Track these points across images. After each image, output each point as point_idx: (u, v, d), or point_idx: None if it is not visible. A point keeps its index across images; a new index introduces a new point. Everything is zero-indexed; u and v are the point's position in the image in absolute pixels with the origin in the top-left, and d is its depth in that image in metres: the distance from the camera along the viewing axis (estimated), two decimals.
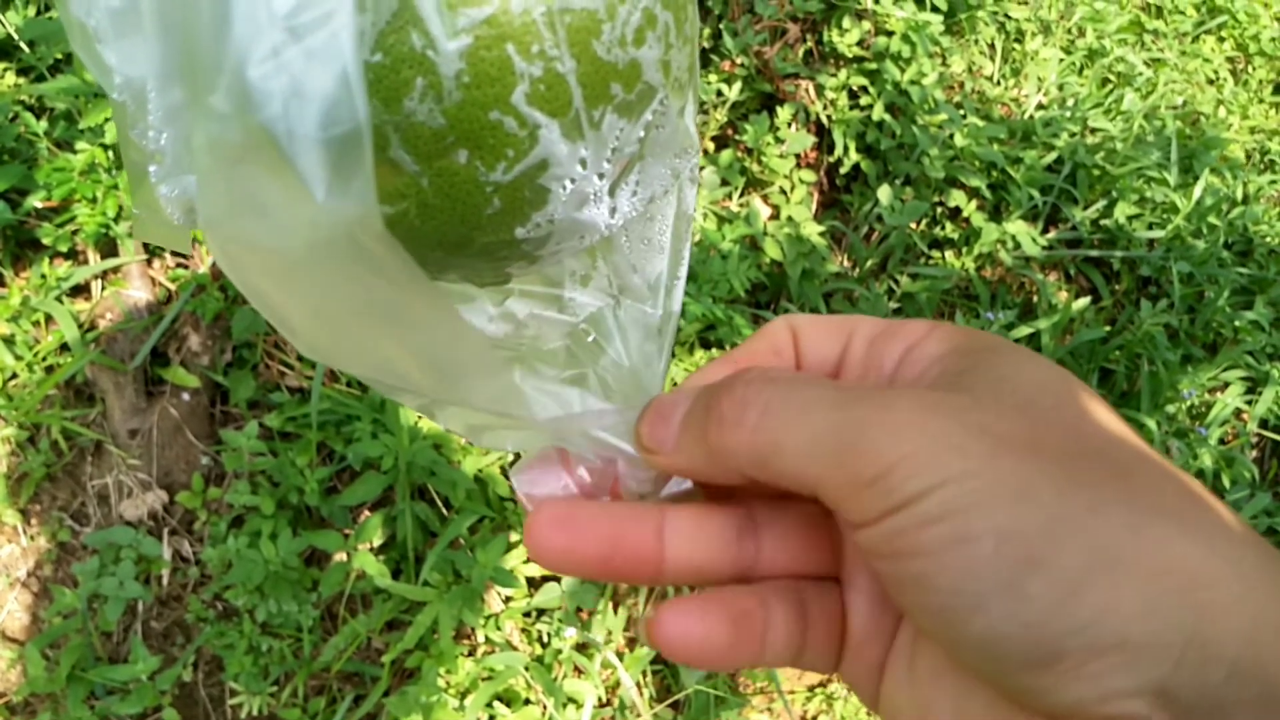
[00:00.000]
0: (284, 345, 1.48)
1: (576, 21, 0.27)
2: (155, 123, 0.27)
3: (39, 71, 1.48)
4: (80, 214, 1.34)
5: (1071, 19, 2.23)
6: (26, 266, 1.45)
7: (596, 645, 1.42)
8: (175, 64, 0.26)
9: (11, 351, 1.35)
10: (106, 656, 1.34)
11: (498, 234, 0.29)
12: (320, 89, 0.22)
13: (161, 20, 0.25)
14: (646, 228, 0.34)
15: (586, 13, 0.27)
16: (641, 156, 0.31)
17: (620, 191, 0.30)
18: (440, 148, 0.26)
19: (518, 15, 0.26)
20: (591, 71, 0.28)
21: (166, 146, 0.27)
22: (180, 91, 0.26)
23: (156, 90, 0.26)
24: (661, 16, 0.29)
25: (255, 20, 0.22)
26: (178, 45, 0.25)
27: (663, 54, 0.29)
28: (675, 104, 0.31)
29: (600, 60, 0.28)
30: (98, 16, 0.27)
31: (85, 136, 1.36)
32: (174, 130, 0.27)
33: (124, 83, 0.27)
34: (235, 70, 0.22)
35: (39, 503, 1.39)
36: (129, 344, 1.40)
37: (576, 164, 0.28)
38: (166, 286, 1.45)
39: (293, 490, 1.39)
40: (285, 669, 1.36)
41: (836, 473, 0.27)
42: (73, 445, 1.40)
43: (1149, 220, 1.97)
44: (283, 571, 1.35)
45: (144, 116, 0.27)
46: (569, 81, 0.27)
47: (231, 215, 0.25)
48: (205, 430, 1.43)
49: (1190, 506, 0.26)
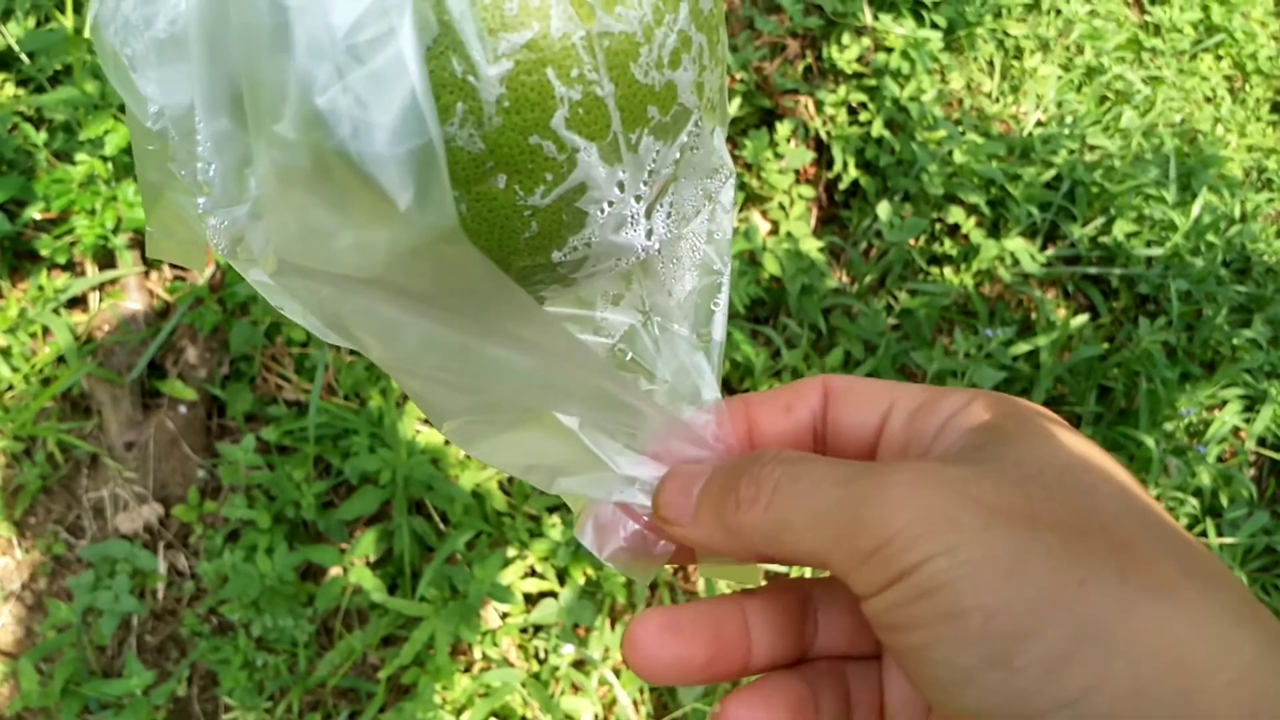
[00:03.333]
0: (281, 358, 1.47)
1: (615, 45, 0.27)
2: (204, 154, 0.27)
3: (38, 83, 1.48)
4: (79, 226, 1.34)
5: (1070, 37, 2.24)
6: (24, 278, 1.44)
7: (594, 662, 1.42)
8: (223, 93, 0.25)
9: (8, 363, 1.34)
10: (100, 671, 1.33)
11: (534, 258, 0.28)
12: (388, 109, 0.22)
13: (209, 50, 0.25)
14: (676, 247, 0.34)
15: (625, 36, 0.27)
16: (676, 178, 0.30)
17: (656, 213, 0.30)
18: (479, 173, 0.26)
19: (558, 39, 0.26)
20: (629, 94, 0.28)
21: (215, 178, 0.27)
22: (227, 120, 0.26)
23: (204, 120, 0.26)
24: (696, 39, 0.29)
25: (318, 46, 0.22)
26: (225, 74, 0.25)
27: (697, 75, 0.29)
28: (709, 125, 0.31)
29: (638, 83, 0.28)
30: (135, 45, 0.26)
31: (85, 148, 1.36)
32: (222, 161, 0.27)
33: (161, 111, 0.27)
34: (301, 96, 0.22)
35: (34, 515, 1.38)
36: (126, 356, 1.39)
37: (614, 187, 0.28)
38: (164, 299, 1.45)
39: (289, 504, 1.39)
40: (280, 684, 1.35)
41: (840, 547, 0.28)
42: (68, 457, 1.39)
43: (1147, 238, 1.97)
44: (279, 586, 1.34)
45: (188, 147, 0.27)
46: (608, 105, 0.27)
47: (303, 240, 0.25)
48: (202, 443, 1.42)
49: (1191, 584, 0.26)
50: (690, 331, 0.34)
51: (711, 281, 0.34)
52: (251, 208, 0.27)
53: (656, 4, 0.28)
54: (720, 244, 0.34)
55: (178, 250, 0.38)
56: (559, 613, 1.42)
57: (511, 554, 1.44)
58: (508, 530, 1.45)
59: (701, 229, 0.34)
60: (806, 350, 1.69)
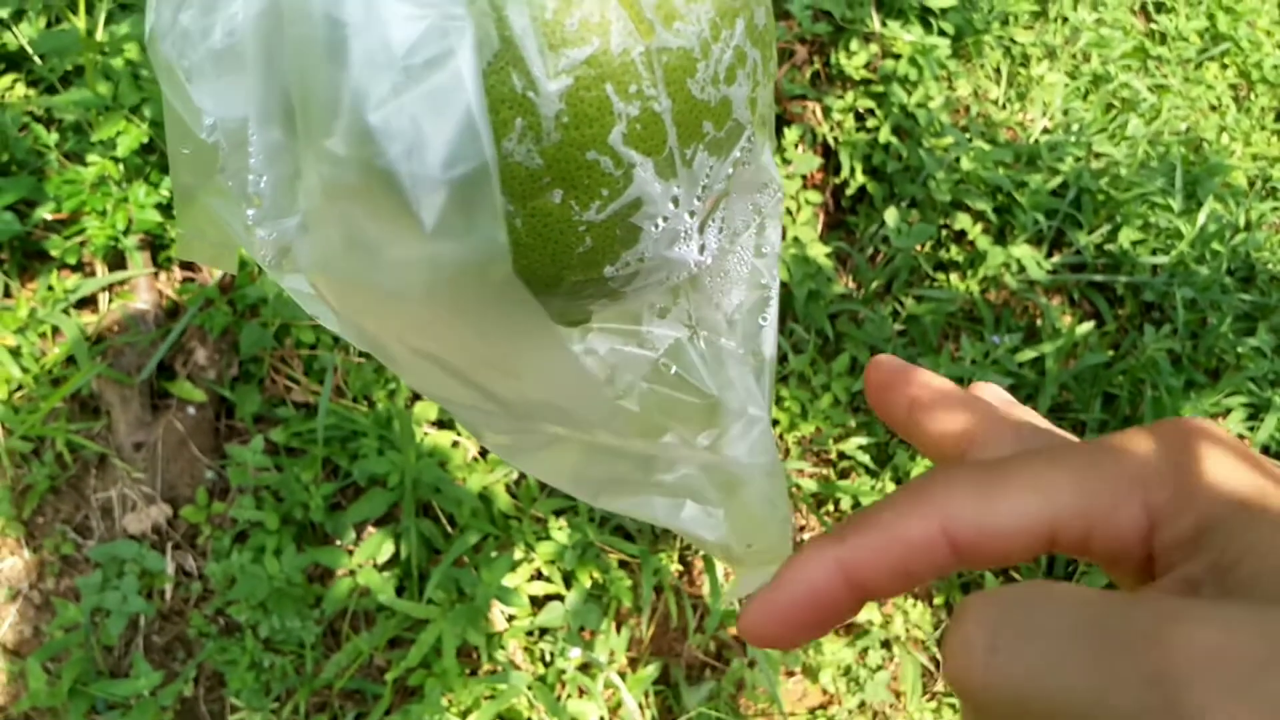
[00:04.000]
0: (290, 360, 1.47)
1: (673, 60, 0.27)
2: (255, 166, 0.27)
3: (49, 83, 1.48)
4: (90, 226, 1.34)
5: (1077, 44, 2.24)
6: (33, 278, 1.45)
7: (599, 665, 1.42)
8: (277, 105, 0.26)
9: (18, 363, 1.34)
10: (108, 671, 1.33)
11: (587, 272, 0.29)
12: (442, 130, 0.22)
13: (266, 63, 0.25)
14: (724, 261, 0.34)
15: (683, 51, 0.27)
16: (729, 193, 0.31)
17: (709, 229, 0.30)
18: (535, 187, 0.26)
19: (617, 55, 0.26)
20: (686, 110, 0.28)
21: (266, 190, 0.27)
22: (280, 133, 0.26)
23: (257, 132, 0.26)
24: (751, 54, 0.29)
25: (374, 62, 0.22)
26: (280, 87, 0.25)
27: (751, 91, 0.29)
28: (760, 139, 0.31)
29: (694, 99, 0.28)
30: (192, 57, 0.26)
31: (96, 149, 1.36)
32: (273, 173, 0.27)
33: (215, 124, 0.27)
34: (354, 113, 0.22)
35: (42, 515, 1.38)
36: (136, 357, 1.39)
37: (669, 202, 0.28)
38: (174, 300, 1.45)
39: (297, 506, 1.39)
40: (287, 685, 1.36)
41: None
42: (77, 458, 1.39)
43: (1153, 246, 1.98)
44: (286, 587, 1.34)
45: (240, 159, 0.27)
46: (665, 120, 0.27)
47: (346, 256, 0.25)
48: (210, 444, 1.42)
49: None
50: (739, 346, 0.34)
51: (760, 296, 0.34)
52: (301, 220, 0.27)
53: (714, 20, 0.28)
54: (769, 259, 0.34)
55: (209, 252, 0.38)
56: (565, 616, 1.43)
57: (518, 557, 1.44)
58: (514, 533, 1.45)
59: (750, 243, 0.34)
60: (813, 355, 1.69)
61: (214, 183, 0.35)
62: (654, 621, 1.51)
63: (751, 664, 1.52)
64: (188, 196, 0.37)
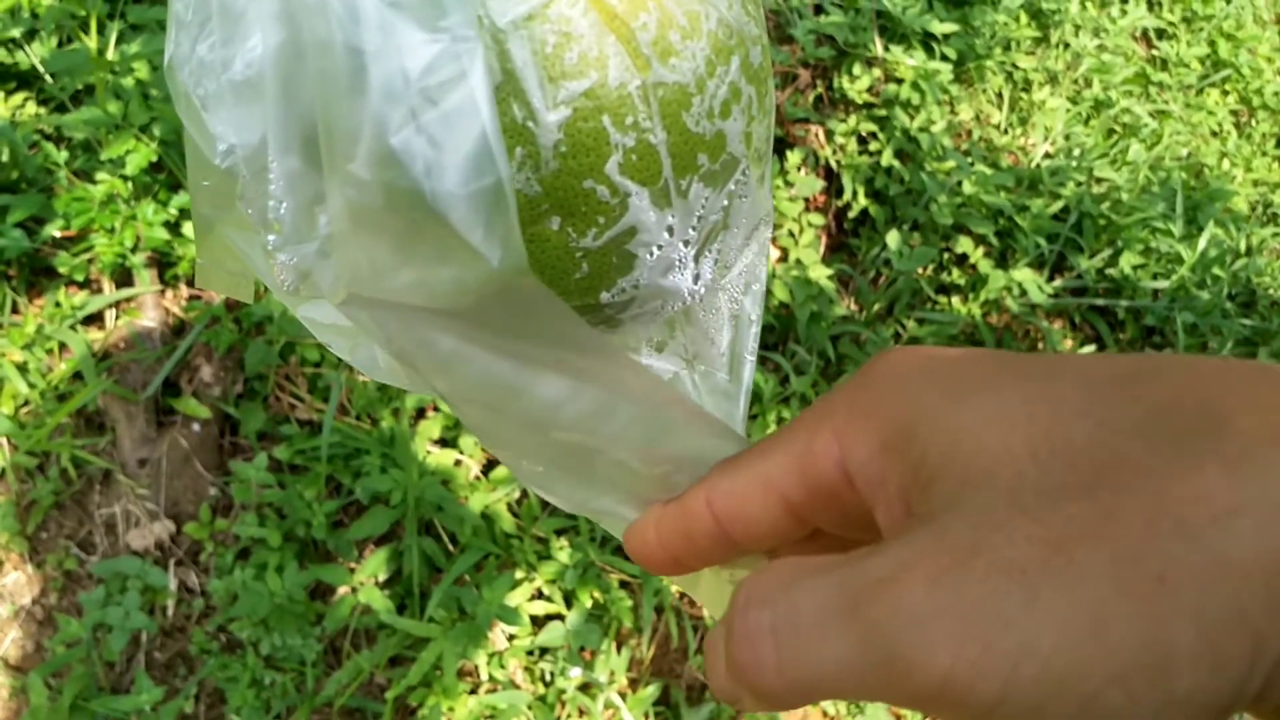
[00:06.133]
0: (295, 378, 1.48)
1: (669, 95, 0.28)
2: (275, 192, 0.28)
3: (59, 101, 1.49)
4: (98, 244, 1.35)
5: (1078, 70, 2.26)
6: (40, 294, 1.46)
7: (600, 685, 1.42)
8: (296, 134, 0.26)
9: (25, 379, 1.35)
10: (109, 687, 1.34)
11: (584, 298, 0.30)
12: (459, 147, 0.23)
13: (285, 93, 0.26)
14: (715, 297, 0.35)
15: (678, 86, 0.28)
16: (725, 226, 0.32)
17: (704, 259, 0.31)
18: (534, 214, 0.27)
19: (615, 88, 0.27)
20: (681, 142, 0.29)
21: (286, 216, 0.28)
22: (299, 161, 0.27)
23: (277, 159, 0.27)
24: (745, 90, 0.30)
25: (392, 89, 0.23)
26: (299, 115, 0.26)
27: (745, 126, 0.30)
28: (755, 173, 0.32)
29: (689, 131, 0.29)
30: (209, 86, 0.27)
31: (106, 167, 1.37)
32: (293, 200, 0.28)
33: (230, 150, 0.28)
34: (375, 137, 0.23)
35: (45, 530, 1.39)
36: (141, 374, 1.40)
37: (664, 231, 0.29)
38: (180, 317, 1.46)
39: (300, 523, 1.39)
40: (287, 703, 1.36)
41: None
42: (81, 473, 1.40)
43: (1154, 270, 1.99)
44: (288, 605, 1.34)
45: (259, 186, 0.28)
46: (660, 152, 0.28)
47: (373, 276, 0.26)
48: (214, 461, 1.43)
49: None
50: (727, 378, 0.35)
51: (748, 331, 0.35)
52: (320, 245, 0.28)
53: (709, 57, 0.29)
54: (756, 294, 0.35)
55: (227, 281, 0.40)
56: (565, 635, 1.43)
57: (519, 576, 1.44)
58: (516, 552, 1.46)
59: (739, 279, 0.35)
60: (815, 377, 1.70)
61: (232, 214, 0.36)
62: (654, 642, 1.51)
63: None
64: (207, 227, 0.37)
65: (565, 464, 0.32)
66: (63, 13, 1.37)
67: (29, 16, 1.43)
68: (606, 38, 0.27)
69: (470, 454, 1.49)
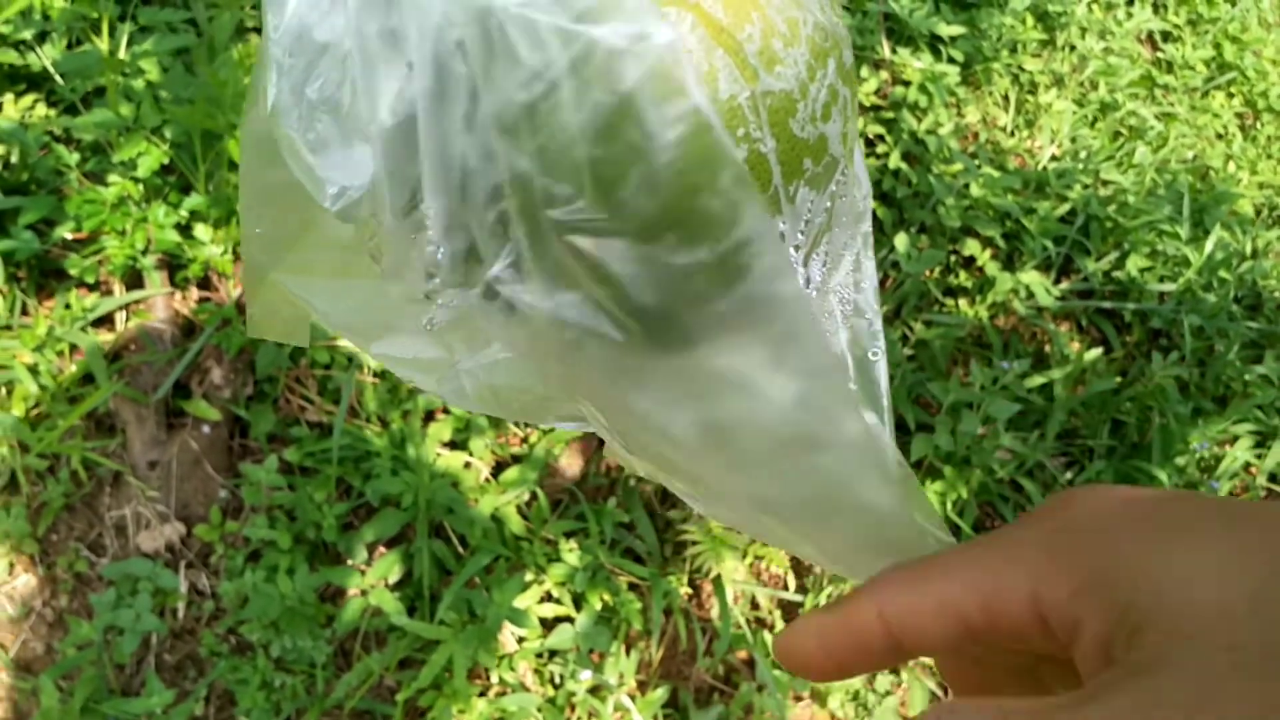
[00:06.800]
0: (305, 380, 1.48)
1: (776, 103, 0.29)
2: (434, 238, 0.28)
3: (68, 102, 1.49)
4: (109, 246, 1.35)
5: (1084, 73, 2.26)
6: (50, 296, 1.46)
7: (610, 688, 1.42)
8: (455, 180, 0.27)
9: (36, 381, 1.35)
10: (119, 689, 1.34)
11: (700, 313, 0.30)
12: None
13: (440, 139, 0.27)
14: (826, 299, 0.35)
15: (784, 94, 0.29)
16: (829, 227, 0.32)
17: (813, 262, 0.32)
18: (651, 234, 0.28)
19: (725, 101, 0.27)
20: (788, 149, 0.29)
21: (444, 261, 0.29)
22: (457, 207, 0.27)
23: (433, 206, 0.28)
24: (842, 91, 0.30)
25: None
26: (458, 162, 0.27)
27: (843, 126, 0.31)
28: (851, 173, 0.32)
29: (795, 137, 0.29)
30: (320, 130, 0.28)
31: (117, 169, 1.37)
32: (450, 245, 0.29)
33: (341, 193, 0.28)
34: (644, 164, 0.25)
35: (56, 533, 1.39)
36: (152, 376, 1.40)
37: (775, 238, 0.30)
38: (190, 319, 1.46)
39: (310, 525, 1.39)
40: (297, 705, 1.36)
41: None
42: (92, 475, 1.40)
43: (1160, 273, 1.99)
44: (298, 607, 1.34)
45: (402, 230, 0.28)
46: (770, 160, 0.29)
47: None
48: (224, 463, 1.43)
49: None
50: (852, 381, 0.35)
51: (866, 331, 0.35)
52: (486, 289, 0.29)
53: (810, 62, 0.29)
54: (868, 290, 0.35)
55: (282, 328, 0.41)
56: (575, 638, 1.43)
57: (528, 578, 1.44)
58: (525, 555, 1.46)
59: (848, 278, 0.35)
60: None
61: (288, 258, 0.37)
62: (663, 644, 1.51)
63: (760, 688, 1.52)
64: (259, 275, 0.38)
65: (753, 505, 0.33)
66: (74, 15, 1.37)
67: (40, 19, 1.43)
68: (715, 51, 0.27)
69: (480, 456, 1.49)
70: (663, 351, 0.31)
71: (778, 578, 1.62)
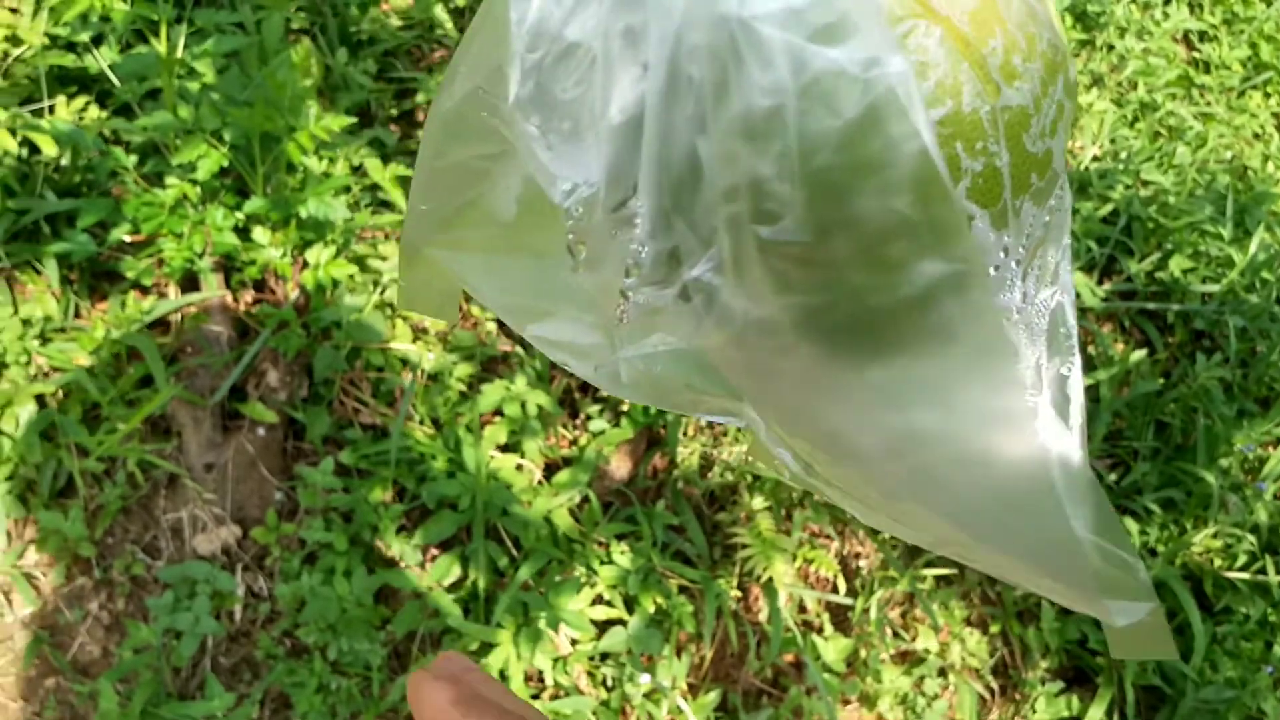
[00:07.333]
0: (359, 382, 1.48)
1: (1012, 117, 0.29)
2: (640, 235, 0.29)
3: (119, 104, 1.49)
4: (166, 248, 1.35)
5: (1123, 72, 2.26)
6: (102, 299, 1.46)
7: (665, 691, 1.42)
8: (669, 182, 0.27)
9: (94, 383, 1.35)
10: (176, 692, 1.34)
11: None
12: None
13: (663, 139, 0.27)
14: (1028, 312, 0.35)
15: (1020, 108, 0.29)
16: (1045, 241, 0.32)
17: (1029, 276, 0.32)
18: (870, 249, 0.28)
19: (968, 114, 0.28)
20: (1019, 163, 0.29)
21: (646, 260, 0.29)
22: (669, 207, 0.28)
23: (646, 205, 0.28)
24: (1067, 106, 0.31)
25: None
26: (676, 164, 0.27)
27: (1066, 141, 0.31)
28: (1067, 187, 0.32)
29: (1027, 152, 0.29)
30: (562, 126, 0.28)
31: (175, 172, 1.37)
32: (655, 245, 0.29)
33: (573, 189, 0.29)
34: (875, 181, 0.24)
35: (112, 535, 1.39)
36: (209, 379, 1.40)
37: (1000, 251, 0.30)
38: (245, 322, 1.46)
39: (366, 527, 1.39)
40: (353, 709, 1.36)
41: None
42: (148, 478, 1.40)
43: (1204, 274, 1.98)
44: (355, 610, 1.34)
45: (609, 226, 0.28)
46: (1003, 174, 0.29)
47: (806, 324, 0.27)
48: (279, 465, 1.43)
49: None
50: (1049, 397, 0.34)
51: (1063, 345, 0.35)
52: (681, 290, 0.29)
53: (1043, 76, 0.29)
54: (1065, 305, 0.35)
55: (434, 302, 0.42)
56: (627, 640, 1.43)
57: (581, 581, 1.44)
58: (578, 557, 1.45)
59: (1050, 292, 0.35)
60: None
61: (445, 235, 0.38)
62: (712, 647, 1.51)
63: (809, 692, 1.52)
64: (413, 251, 0.39)
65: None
66: (134, 16, 1.37)
67: (98, 21, 1.43)
68: (960, 64, 0.28)
69: (532, 459, 1.49)
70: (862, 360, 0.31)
71: (826, 580, 1.62)
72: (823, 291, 0.29)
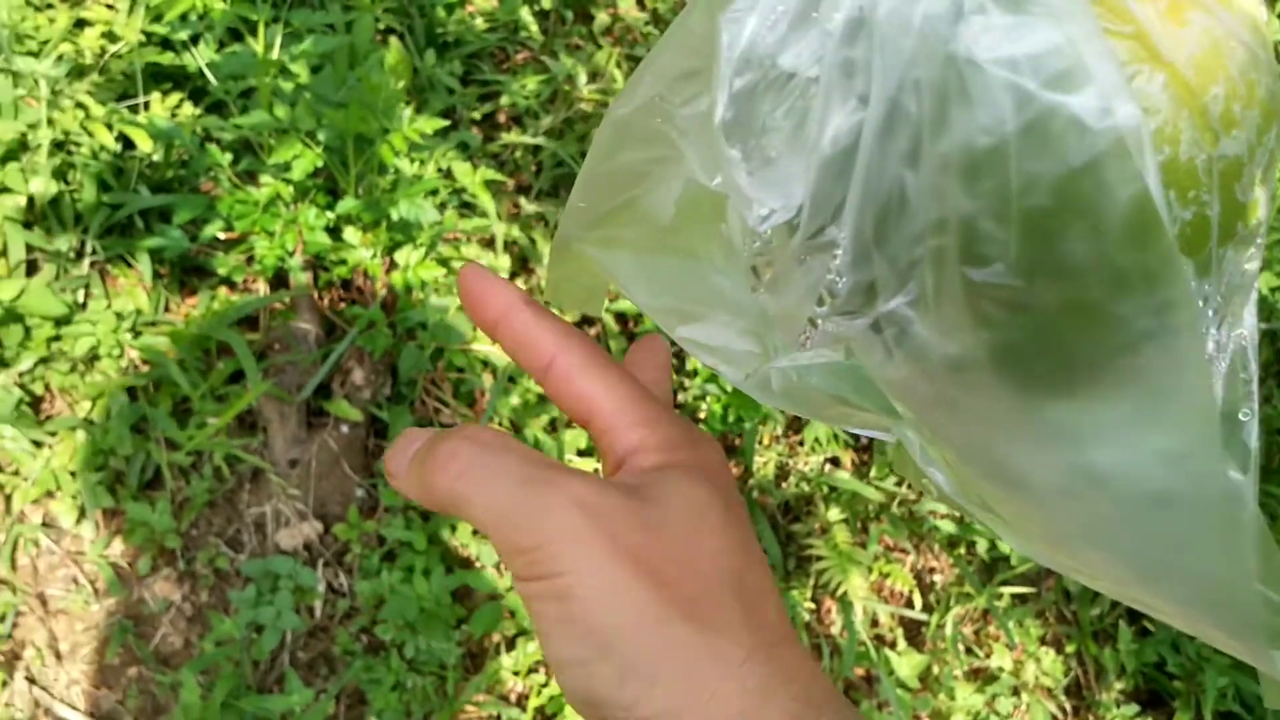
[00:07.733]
0: (440, 383, 1.49)
1: (1227, 166, 0.28)
2: (839, 267, 0.29)
3: (212, 102, 1.51)
4: (259, 246, 1.36)
5: None
6: (191, 294, 1.48)
7: None
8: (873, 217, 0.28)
9: (186, 377, 1.37)
10: (255, 686, 1.35)
11: None
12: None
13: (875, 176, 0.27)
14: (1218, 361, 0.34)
15: (1236, 158, 0.28)
16: (1241, 287, 0.31)
17: (1224, 325, 0.31)
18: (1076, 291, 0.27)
19: (1184, 163, 0.27)
20: (1228, 212, 0.29)
21: (842, 290, 0.30)
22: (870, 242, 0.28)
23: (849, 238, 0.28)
24: (1277, 154, 0.29)
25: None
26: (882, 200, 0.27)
27: (1273, 188, 0.30)
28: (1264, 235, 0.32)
29: (1236, 201, 0.29)
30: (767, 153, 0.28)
31: (269, 170, 1.38)
32: (853, 278, 0.29)
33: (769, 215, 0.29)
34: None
35: (196, 528, 1.41)
36: (297, 376, 1.41)
37: (1200, 300, 0.29)
38: (333, 320, 1.47)
39: (445, 526, 1.40)
40: (427, 708, 1.36)
41: (503, 535, 0.34)
42: (234, 472, 1.41)
43: None
44: (434, 608, 1.35)
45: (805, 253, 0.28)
46: (1212, 224, 0.28)
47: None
48: (361, 463, 1.44)
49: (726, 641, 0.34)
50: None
51: (1240, 386, 0.34)
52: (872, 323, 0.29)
53: (1259, 124, 0.29)
54: (1247, 348, 0.34)
55: (581, 295, 0.44)
56: None
57: None
58: None
59: (1233, 336, 0.34)
60: None
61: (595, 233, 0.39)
62: None
63: (881, 706, 1.50)
64: (563, 245, 0.40)
65: None
66: (233, 16, 1.38)
67: (197, 19, 1.45)
68: (1181, 112, 0.27)
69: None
70: (1044, 398, 0.31)
71: (901, 595, 1.61)
72: (1023, 332, 0.28)
